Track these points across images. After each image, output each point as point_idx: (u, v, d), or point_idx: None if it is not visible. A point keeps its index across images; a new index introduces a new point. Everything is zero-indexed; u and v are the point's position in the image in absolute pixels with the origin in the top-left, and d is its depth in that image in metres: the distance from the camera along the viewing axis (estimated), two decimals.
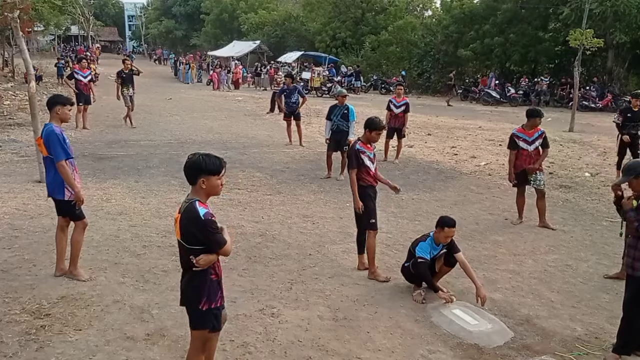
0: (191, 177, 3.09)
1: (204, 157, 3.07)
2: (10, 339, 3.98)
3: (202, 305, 3.14)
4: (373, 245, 5.52)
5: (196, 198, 3.07)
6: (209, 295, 3.15)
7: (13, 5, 8.73)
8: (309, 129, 15.52)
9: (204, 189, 3.08)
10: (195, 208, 3.00)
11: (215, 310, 3.21)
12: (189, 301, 3.19)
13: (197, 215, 2.99)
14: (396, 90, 12.14)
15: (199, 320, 3.20)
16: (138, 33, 77.10)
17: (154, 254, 5.79)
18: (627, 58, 27.20)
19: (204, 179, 3.05)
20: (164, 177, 9.14)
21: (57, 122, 4.95)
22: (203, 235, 3.01)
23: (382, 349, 4.20)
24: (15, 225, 6.42)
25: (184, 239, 3.06)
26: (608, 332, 4.57)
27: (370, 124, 5.52)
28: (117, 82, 14.56)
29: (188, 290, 3.18)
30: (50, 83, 25.50)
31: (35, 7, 20.71)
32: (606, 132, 17.35)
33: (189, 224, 3.02)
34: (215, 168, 3.07)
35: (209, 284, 3.15)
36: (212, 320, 3.21)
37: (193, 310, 3.19)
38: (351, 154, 5.55)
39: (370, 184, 5.55)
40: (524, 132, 7.37)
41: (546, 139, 7.35)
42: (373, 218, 5.52)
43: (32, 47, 40.85)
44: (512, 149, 7.40)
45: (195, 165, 3.06)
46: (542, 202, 7.41)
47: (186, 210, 3.04)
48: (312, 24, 42.09)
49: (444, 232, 5.02)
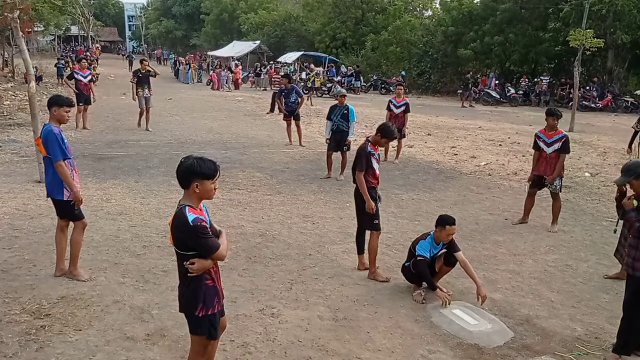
0: (184, 180, 3.00)
1: (198, 161, 2.98)
2: (10, 339, 3.98)
3: (199, 311, 3.09)
4: (375, 246, 5.51)
5: (187, 203, 3.00)
6: (205, 300, 3.09)
7: (13, 6, 8.73)
8: (309, 129, 15.53)
9: (197, 193, 3.00)
10: (184, 214, 2.94)
11: (212, 316, 3.14)
12: (186, 307, 3.15)
13: (185, 221, 2.92)
14: (396, 90, 12.15)
15: (196, 327, 3.16)
16: (138, 33, 77.01)
17: (154, 254, 5.79)
18: (627, 58, 27.21)
19: (198, 183, 2.97)
20: (164, 177, 9.14)
21: (56, 123, 4.96)
22: (192, 241, 2.95)
23: (382, 349, 4.20)
24: (15, 226, 6.42)
25: (175, 244, 3.02)
26: (608, 332, 4.58)
27: (384, 131, 5.44)
28: (133, 81, 14.26)
29: (184, 296, 3.14)
30: (50, 83, 25.48)
31: (35, 7, 20.72)
32: (606, 132, 17.37)
33: (178, 230, 2.97)
34: (210, 172, 2.99)
35: (204, 289, 3.08)
36: (208, 327, 3.15)
37: (189, 316, 3.16)
38: (361, 155, 5.43)
39: (374, 186, 5.52)
40: (544, 133, 7.29)
41: (566, 143, 7.12)
42: (376, 219, 5.50)
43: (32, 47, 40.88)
44: (536, 150, 7.36)
45: (189, 169, 2.97)
46: (556, 205, 7.32)
47: (176, 216, 2.98)
48: (312, 24, 42.11)
49: (446, 231, 5.02)
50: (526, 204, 7.60)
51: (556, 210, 7.36)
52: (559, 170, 7.19)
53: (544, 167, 7.26)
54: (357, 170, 5.44)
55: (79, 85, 13.63)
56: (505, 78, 30.24)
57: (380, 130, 5.48)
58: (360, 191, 5.46)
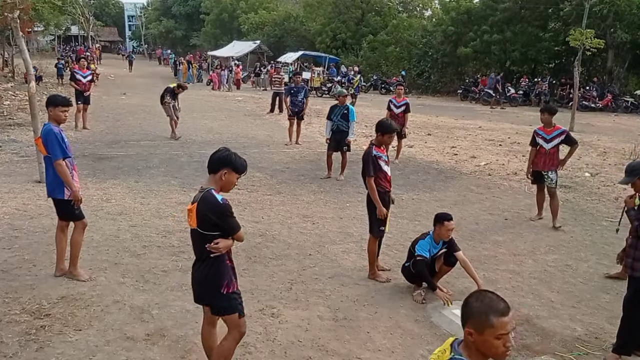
0: (216, 166, 3.23)
1: (235, 154, 3.28)
2: (10, 339, 3.97)
3: (224, 289, 3.23)
4: (373, 249, 5.48)
5: (211, 187, 3.20)
6: (229, 279, 3.25)
7: (13, 6, 8.73)
8: (309, 129, 15.53)
9: (222, 181, 3.23)
10: (213, 195, 3.16)
11: (237, 293, 3.31)
12: (209, 290, 3.25)
13: (215, 200, 3.14)
14: (396, 90, 12.14)
15: (225, 305, 3.28)
16: (138, 33, 77.13)
17: (154, 254, 5.79)
18: (627, 58, 27.22)
19: (227, 172, 3.22)
20: (164, 177, 9.14)
21: (54, 122, 4.96)
22: (221, 220, 3.14)
23: (382, 349, 4.20)
24: (15, 226, 6.41)
25: (200, 226, 3.15)
26: (608, 332, 4.57)
27: (382, 127, 5.30)
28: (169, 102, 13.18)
29: (205, 279, 3.24)
30: (51, 83, 25.49)
31: (35, 7, 20.72)
32: (606, 132, 17.37)
33: (207, 210, 3.13)
34: (241, 167, 3.28)
35: (226, 269, 3.25)
36: (236, 303, 3.30)
37: (216, 297, 3.25)
38: (368, 160, 5.27)
39: (386, 190, 5.37)
40: (543, 130, 7.45)
41: (569, 136, 7.34)
42: (383, 226, 5.40)
43: (32, 48, 40.88)
44: (532, 146, 7.52)
45: (225, 158, 3.24)
46: (554, 202, 7.44)
47: (203, 198, 3.16)
48: (312, 24, 42.10)
49: (445, 227, 5.01)
50: (538, 199, 7.72)
51: (554, 208, 7.45)
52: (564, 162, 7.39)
53: (543, 162, 7.39)
54: (367, 176, 5.28)
55: (79, 85, 13.65)
56: (505, 78, 30.25)
57: (378, 128, 5.36)
58: (371, 197, 5.32)
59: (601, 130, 17.69)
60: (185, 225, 6.70)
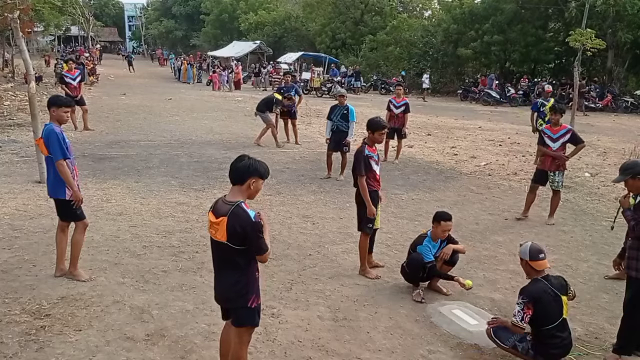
0: (241, 177, 3.18)
1: (257, 161, 3.24)
2: (10, 340, 3.97)
3: (251, 302, 3.22)
4: (364, 246, 5.51)
5: (240, 200, 3.15)
6: (257, 293, 3.26)
7: (13, 6, 8.74)
8: (309, 129, 15.53)
9: (250, 190, 3.21)
10: (245, 211, 3.10)
11: (259, 306, 3.32)
12: (237, 300, 3.22)
13: (248, 216, 3.08)
14: (396, 90, 12.13)
15: (248, 318, 3.27)
16: (138, 33, 77.09)
17: (154, 254, 5.79)
18: (627, 58, 27.22)
19: (254, 180, 3.19)
20: (163, 177, 9.13)
21: (56, 123, 4.96)
22: (251, 237, 3.08)
23: (382, 349, 4.20)
24: (15, 226, 6.41)
25: (231, 240, 3.10)
26: (608, 332, 4.57)
27: (372, 125, 5.37)
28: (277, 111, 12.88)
29: (233, 290, 3.21)
30: (50, 84, 25.48)
31: (35, 7, 20.70)
32: (606, 132, 17.37)
33: (240, 227, 3.06)
34: (267, 173, 3.26)
35: (256, 283, 3.26)
36: (256, 317, 3.31)
37: (241, 309, 3.24)
38: (359, 159, 5.33)
39: (375, 189, 5.44)
40: (550, 129, 7.52)
41: (575, 134, 7.43)
42: (372, 222, 5.45)
43: (32, 48, 40.88)
44: (540, 145, 7.62)
45: (250, 166, 3.19)
46: (556, 199, 7.58)
47: (234, 213, 3.09)
48: (312, 25, 42.11)
49: (441, 227, 5.07)
50: (527, 198, 7.77)
51: (555, 203, 7.54)
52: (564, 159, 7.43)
53: (550, 163, 7.45)
54: (358, 176, 5.34)
55: (70, 88, 13.48)
56: (505, 78, 30.24)
57: (369, 126, 5.42)
58: (361, 195, 5.38)
59: (601, 131, 17.69)
60: (185, 226, 6.72)
